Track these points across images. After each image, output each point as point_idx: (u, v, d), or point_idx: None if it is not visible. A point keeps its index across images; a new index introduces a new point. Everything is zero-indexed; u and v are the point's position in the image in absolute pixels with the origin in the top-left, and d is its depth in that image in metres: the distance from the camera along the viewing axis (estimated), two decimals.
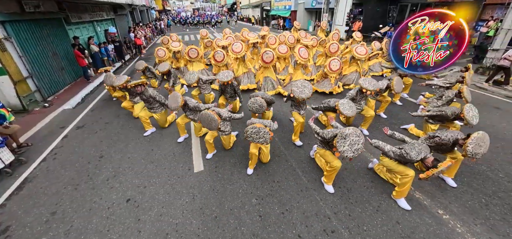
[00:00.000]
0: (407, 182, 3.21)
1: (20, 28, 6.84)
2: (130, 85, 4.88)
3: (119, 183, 3.96)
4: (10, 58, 6.30)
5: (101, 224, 3.23)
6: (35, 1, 7.18)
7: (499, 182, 3.75)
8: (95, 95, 8.07)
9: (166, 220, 3.26)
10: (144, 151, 4.76)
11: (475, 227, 3.05)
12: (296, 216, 3.26)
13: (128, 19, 18.48)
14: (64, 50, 8.88)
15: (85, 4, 10.85)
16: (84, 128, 5.83)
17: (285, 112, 6.27)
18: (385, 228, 3.06)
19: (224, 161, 4.39)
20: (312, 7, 21.70)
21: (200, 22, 32.48)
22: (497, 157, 4.29)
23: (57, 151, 4.93)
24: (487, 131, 4.98)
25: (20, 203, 3.61)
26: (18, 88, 6.43)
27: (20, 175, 4.21)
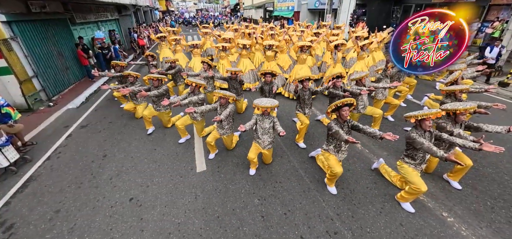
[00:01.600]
0: (417, 194, 3.13)
1: (26, 28, 6.93)
2: (127, 73, 5.20)
3: (122, 182, 3.98)
4: (16, 58, 6.39)
5: (104, 222, 3.25)
6: (41, 2, 7.28)
7: (504, 185, 3.70)
8: (99, 95, 8.14)
9: (169, 219, 3.27)
10: (147, 151, 4.79)
11: (480, 230, 3.01)
12: (299, 217, 3.25)
13: (132, 20, 18.63)
14: (69, 50, 8.98)
15: (90, 4, 10.97)
16: (88, 127, 5.88)
17: (287, 112, 6.26)
18: (388, 230, 3.03)
19: (227, 161, 4.40)
20: (315, 8, 21.63)
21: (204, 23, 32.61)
22: (502, 160, 4.23)
23: (61, 150, 4.97)
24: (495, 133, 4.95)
25: (25, 201, 3.65)
26: (23, 88, 6.51)
27: (25, 173, 4.26)
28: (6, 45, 6.10)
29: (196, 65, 7.76)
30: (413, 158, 3.06)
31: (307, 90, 4.44)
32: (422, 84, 7.97)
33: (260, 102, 3.60)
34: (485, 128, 3.15)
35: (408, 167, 3.12)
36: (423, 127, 2.92)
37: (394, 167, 3.94)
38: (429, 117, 2.84)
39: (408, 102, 6.65)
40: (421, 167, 3.10)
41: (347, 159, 4.20)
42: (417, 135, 2.89)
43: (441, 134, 2.98)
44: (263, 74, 4.98)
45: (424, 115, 2.85)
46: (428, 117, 2.84)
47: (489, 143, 2.54)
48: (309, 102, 4.58)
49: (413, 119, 2.95)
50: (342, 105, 3.14)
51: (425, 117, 2.85)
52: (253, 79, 7.66)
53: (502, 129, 3.03)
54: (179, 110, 6.20)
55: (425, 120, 2.86)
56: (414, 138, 2.88)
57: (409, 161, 3.11)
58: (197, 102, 4.29)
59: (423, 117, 2.86)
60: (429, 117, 2.84)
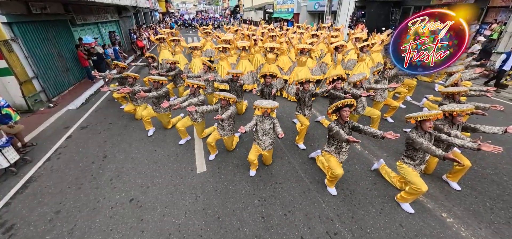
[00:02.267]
0: (417, 195, 3.14)
1: (26, 29, 6.94)
2: (126, 74, 5.21)
3: (122, 183, 3.98)
4: (17, 59, 6.40)
5: (104, 223, 3.25)
6: (41, 3, 7.30)
7: (503, 186, 3.71)
8: (99, 96, 8.14)
9: (169, 220, 3.27)
10: (147, 152, 4.79)
11: (479, 230, 3.02)
12: (299, 218, 3.25)
13: (132, 21, 18.67)
14: (69, 51, 9.00)
15: (90, 6, 11.00)
16: (88, 128, 5.88)
17: (287, 113, 6.28)
18: (388, 231, 3.04)
19: (227, 162, 4.40)
20: (314, 10, 21.72)
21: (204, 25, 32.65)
22: (501, 161, 4.25)
23: (61, 150, 4.97)
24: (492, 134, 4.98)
25: (25, 202, 3.65)
26: (24, 89, 6.52)
27: (25, 174, 4.25)
28: (7, 46, 6.11)
29: (196, 66, 7.76)
30: (413, 158, 3.08)
31: (307, 92, 4.47)
32: (421, 85, 8.00)
33: (260, 103, 3.63)
34: (482, 129, 3.18)
35: (407, 167, 3.13)
36: (423, 128, 2.94)
37: (393, 167, 3.96)
38: (430, 118, 2.86)
39: (407, 103, 6.68)
40: (420, 168, 3.12)
41: (347, 160, 4.22)
42: (417, 136, 2.91)
43: (440, 135, 3.01)
44: (263, 76, 5.01)
45: (425, 117, 2.87)
46: (428, 118, 2.86)
47: (488, 143, 2.56)
48: (309, 104, 4.61)
49: (413, 120, 2.97)
50: (342, 105, 3.15)
51: (426, 118, 2.87)
52: (252, 81, 7.68)
53: (499, 130, 3.05)
54: (179, 111, 6.21)
55: (426, 121, 2.88)
56: (414, 138, 2.90)
57: (408, 162, 3.13)
58: (197, 103, 4.30)
59: (424, 118, 2.88)
60: (429, 118, 2.86)
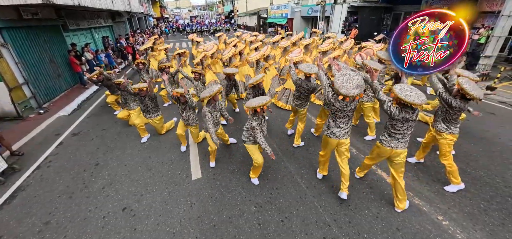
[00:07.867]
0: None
1: (17, 34, 6.80)
2: (122, 84, 4.97)
3: (115, 191, 3.88)
4: (6, 65, 6.25)
5: (96, 234, 3.15)
6: (33, 8, 7.18)
7: (496, 188, 3.77)
8: (91, 102, 8.00)
9: (163, 229, 3.19)
10: (141, 158, 4.70)
11: (475, 232, 3.04)
12: (296, 223, 3.22)
13: (126, 26, 18.54)
14: (61, 57, 8.84)
15: (83, 11, 10.88)
16: (80, 135, 5.75)
17: (283, 117, 6.27)
18: (385, 235, 3.04)
19: (223, 168, 4.35)
20: (308, 15, 22.06)
21: (199, 30, 32.53)
22: (493, 162, 4.32)
23: (51, 158, 4.83)
24: (483, 136, 5.08)
25: (13, 213, 3.51)
26: (13, 95, 6.36)
27: (13, 183, 4.11)
28: None
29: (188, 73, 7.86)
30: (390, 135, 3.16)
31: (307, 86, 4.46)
32: None
33: (251, 103, 3.40)
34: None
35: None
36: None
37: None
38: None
39: None
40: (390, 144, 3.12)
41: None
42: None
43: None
44: (251, 87, 4.93)
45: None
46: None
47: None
48: (305, 102, 4.63)
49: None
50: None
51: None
52: (243, 90, 7.74)
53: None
54: (171, 116, 6.13)
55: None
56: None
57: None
58: (191, 106, 4.26)
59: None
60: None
